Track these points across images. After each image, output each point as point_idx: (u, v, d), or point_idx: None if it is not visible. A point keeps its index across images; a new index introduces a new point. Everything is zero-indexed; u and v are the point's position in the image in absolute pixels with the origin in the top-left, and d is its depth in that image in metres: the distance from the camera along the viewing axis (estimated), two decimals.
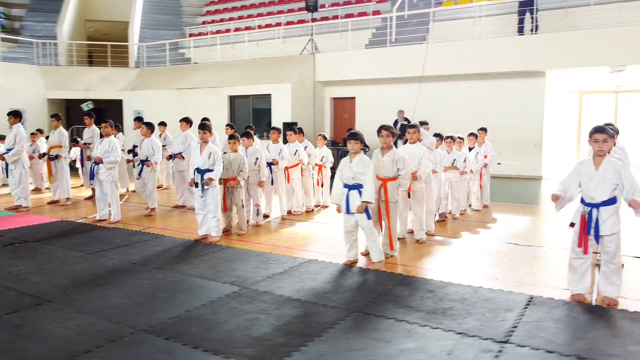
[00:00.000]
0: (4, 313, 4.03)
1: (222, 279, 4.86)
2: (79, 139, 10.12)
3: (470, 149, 8.53)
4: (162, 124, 11.45)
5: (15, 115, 8.66)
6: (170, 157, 8.88)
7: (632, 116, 16.58)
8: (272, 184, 7.91)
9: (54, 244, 6.29)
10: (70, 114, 17.92)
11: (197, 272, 5.10)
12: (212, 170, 6.37)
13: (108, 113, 16.12)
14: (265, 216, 7.95)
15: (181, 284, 4.75)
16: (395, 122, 13.72)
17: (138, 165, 8.41)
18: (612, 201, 4.16)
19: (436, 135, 7.91)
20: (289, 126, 13.31)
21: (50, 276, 4.98)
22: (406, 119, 13.67)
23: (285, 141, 8.34)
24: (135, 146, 8.99)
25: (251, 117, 15.51)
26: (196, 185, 6.45)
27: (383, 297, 4.36)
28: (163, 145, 9.76)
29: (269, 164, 7.72)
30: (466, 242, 6.48)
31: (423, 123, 8.89)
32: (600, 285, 4.30)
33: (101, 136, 8.05)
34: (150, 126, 8.35)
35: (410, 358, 3.25)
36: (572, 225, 4.36)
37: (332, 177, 11.17)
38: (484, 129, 9.17)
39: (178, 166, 8.83)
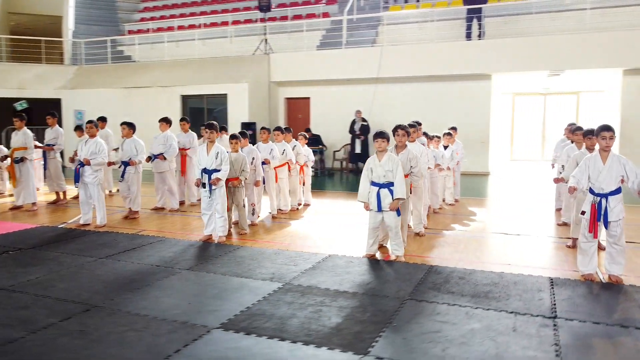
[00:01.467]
0: (58, 320, 3.89)
1: (258, 277, 4.95)
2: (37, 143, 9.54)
3: (445, 147, 9.08)
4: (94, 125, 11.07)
5: None
6: (150, 158, 8.66)
7: (558, 116, 18.22)
8: (263, 183, 7.99)
9: (54, 250, 6.01)
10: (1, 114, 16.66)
11: (229, 270, 5.14)
12: (219, 171, 6.38)
13: (45, 113, 15.18)
14: None
15: (222, 282, 4.79)
16: (354, 122, 14.17)
17: (120, 167, 8.14)
18: (618, 191, 4.75)
19: (424, 134, 8.36)
20: (248, 126, 13.35)
21: (77, 282, 4.82)
22: (364, 119, 14.14)
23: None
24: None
25: (205, 117, 15.28)
26: (203, 185, 6.42)
27: (422, 285, 4.67)
28: (115, 148, 9.53)
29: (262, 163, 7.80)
30: (459, 233, 6.97)
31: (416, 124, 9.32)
32: (607, 265, 4.88)
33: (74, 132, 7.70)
34: (131, 126, 8.11)
35: (484, 336, 3.58)
36: (583, 213, 4.91)
37: (313, 175, 11.31)
38: (454, 128, 9.77)
39: (158, 167, 8.64)
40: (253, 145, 7.79)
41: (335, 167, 15.15)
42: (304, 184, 9.14)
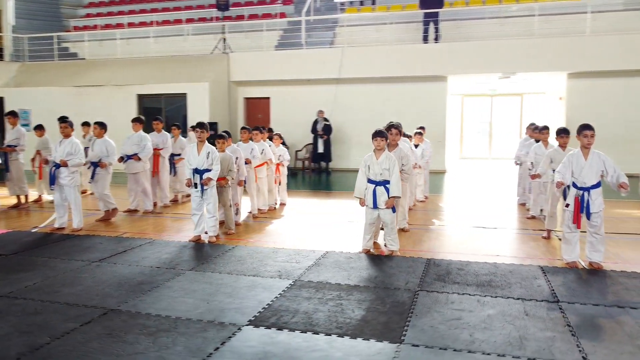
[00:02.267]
0: (78, 325, 3.80)
1: (266, 275, 5.00)
2: None
3: (415, 146, 9.42)
4: (86, 124, 10.73)
5: None
6: (122, 158, 8.42)
7: (503, 116, 19.24)
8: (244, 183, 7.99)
9: (39, 255, 5.78)
10: None
11: (234, 270, 5.16)
12: (210, 170, 6.35)
13: None
14: None
15: (233, 282, 4.80)
16: (316, 122, 14.33)
17: (89, 167, 7.88)
18: (598, 185, 5.19)
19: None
20: (210, 126, 13.15)
21: (81, 286, 4.68)
22: (325, 119, 14.34)
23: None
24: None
25: (164, 117, 14.92)
26: (195, 185, 6.37)
27: (427, 277, 4.90)
28: (85, 148, 9.20)
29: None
30: (439, 228, 7.30)
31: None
32: (588, 253, 5.31)
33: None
34: (103, 126, 7.87)
35: (501, 320, 3.84)
36: (567, 206, 5.31)
37: (289, 175, 11.36)
38: (423, 128, 10.13)
39: (131, 168, 8.42)
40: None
41: (297, 166, 15.25)
42: (279, 184, 9.19)
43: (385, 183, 5.66)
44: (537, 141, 8.11)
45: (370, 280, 4.82)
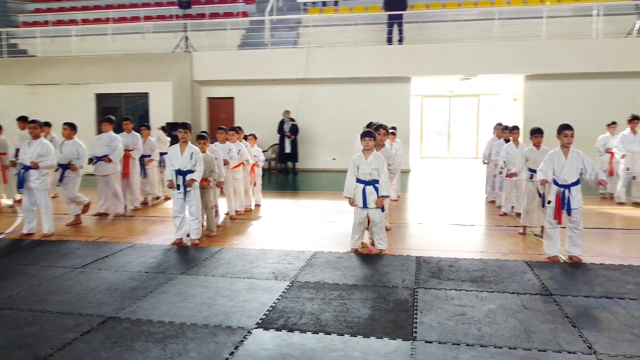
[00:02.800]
0: (78, 334, 3.63)
1: (261, 276, 4.95)
2: None
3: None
4: (47, 124, 10.24)
5: None
6: (91, 160, 8.09)
7: (460, 116, 19.80)
8: None
9: (14, 262, 5.50)
10: None
11: (227, 272, 5.08)
12: (193, 172, 6.22)
13: None
14: None
15: (229, 284, 4.72)
16: (282, 122, 14.27)
17: (57, 170, 7.54)
18: (578, 182, 5.44)
19: None
20: (175, 126, 12.87)
21: (69, 294, 4.48)
22: (292, 119, 14.31)
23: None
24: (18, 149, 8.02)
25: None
26: (177, 187, 6.22)
27: (421, 274, 4.99)
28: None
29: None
30: (419, 227, 7.42)
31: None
32: (568, 247, 5.55)
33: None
34: (73, 127, 7.54)
35: (503, 314, 3.96)
36: (549, 203, 5.54)
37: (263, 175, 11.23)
38: (395, 128, 10.28)
39: (102, 170, 8.12)
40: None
41: (264, 167, 15.09)
42: (254, 185, 9.10)
43: (374, 182, 5.72)
44: (507, 141, 8.42)
45: (367, 279, 4.86)
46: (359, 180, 5.77)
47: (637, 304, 4.17)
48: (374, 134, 5.82)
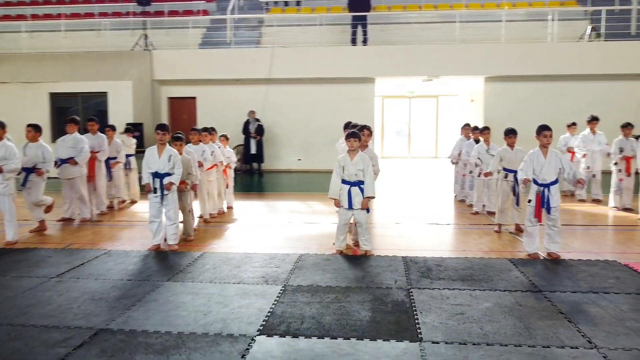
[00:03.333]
0: (70, 349, 3.43)
1: (250, 281, 4.84)
2: None
3: None
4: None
5: None
6: (56, 163, 7.69)
7: (420, 116, 20.16)
8: None
9: None
10: None
11: (214, 278, 4.93)
12: (171, 174, 6.02)
13: None
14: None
15: (220, 290, 4.58)
16: (247, 122, 14.08)
17: (19, 174, 7.12)
18: (557, 181, 5.62)
19: None
20: (135, 127, 12.52)
21: (50, 305, 4.23)
22: (257, 120, 14.14)
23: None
24: None
25: (82, 118, 13.84)
26: (154, 190, 5.99)
27: (411, 274, 5.00)
28: None
29: None
30: (396, 226, 7.47)
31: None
32: (546, 244, 5.73)
33: None
34: (37, 129, 7.14)
35: (500, 312, 4.03)
36: (529, 201, 5.69)
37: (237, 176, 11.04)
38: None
39: (67, 173, 7.74)
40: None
41: None
42: (227, 187, 8.92)
43: (359, 183, 5.71)
44: (477, 141, 8.63)
45: (359, 281, 4.84)
46: (344, 182, 5.74)
47: (622, 298, 4.34)
48: (359, 134, 5.80)
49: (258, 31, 16.49)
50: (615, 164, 8.64)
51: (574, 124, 10.09)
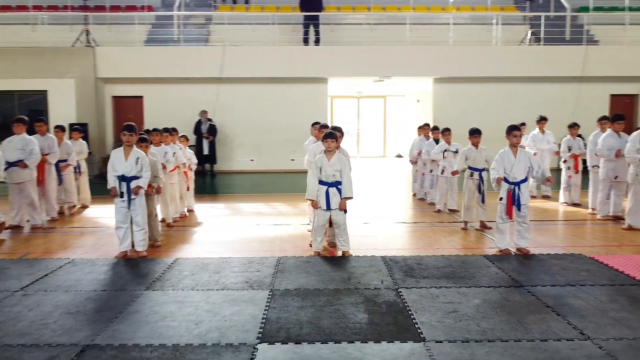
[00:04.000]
0: None
1: (235, 287, 4.68)
2: None
3: None
4: None
5: None
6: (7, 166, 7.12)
7: (368, 116, 20.43)
8: None
9: None
10: None
11: (196, 285, 4.73)
12: (138, 177, 5.73)
13: None
14: None
15: (205, 297, 4.40)
16: (199, 123, 13.70)
17: None
18: (526, 179, 5.83)
19: None
20: (78, 128, 11.88)
21: (23, 322, 3.89)
22: (209, 120, 13.79)
23: None
24: None
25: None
26: (121, 195, 5.67)
27: (395, 274, 5.02)
28: None
29: None
30: (368, 226, 7.49)
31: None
32: (516, 240, 5.93)
33: None
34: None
35: (492, 308, 4.12)
36: (500, 199, 5.87)
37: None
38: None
39: (15, 177, 7.19)
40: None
41: None
42: (187, 189, 8.61)
43: (337, 184, 5.68)
44: (437, 141, 8.83)
45: (346, 282, 4.80)
46: (321, 182, 5.68)
47: (598, 290, 4.55)
48: (336, 135, 5.77)
49: (207, 29, 16.10)
50: (565, 161, 9.11)
51: (523, 124, 10.51)
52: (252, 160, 14.86)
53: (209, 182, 13.15)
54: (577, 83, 14.55)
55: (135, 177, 5.71)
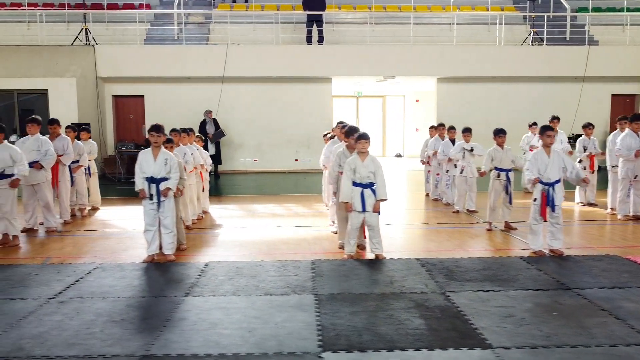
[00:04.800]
0: None
1: (278, 292, 4.54)
2: None
3: None
4: None
5: None
6: None
7: (367, 116, 20.37)
8: None
9: None
10: None
11: (236, 290, 4.59)
12: (167, 179, 5.57)
13: None
14: None
15: (250, 303, 4.26)
16: (204, 123, 13.50)
17: None
18: (560, 180, 5.78)
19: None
20: (82, 127, 11.64)
21: (67, 331, 3.71)
22: (214, 120, 13.61)
23: None
24: None
25: (17, 117, 12.66)
26: (150, 197, 5.51)
27: (436, 277, 4.93)
28: None
29: None
30: (391, 228, 7.33)
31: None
32: (549, 241, 5.88)
33: None
34: (1, 129, 6.36)
35: (544, 311, 4.04)
36: (534, 200, 5.81)
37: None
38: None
39: (30, 178, 6.93)
40: None
41: None
42: (203, 190, 8.44)
43: (371, 185, 5.57)
44: (453, 141, 8.78)
45: (389, 286, 4.70)
46: (355, 184, 5.57)
47: None
48: (369, 136, 5.66)
49: (207, 27, 15.89)
50: (580, 161, 9.10)
51: (534, 123, 10.54)
52: (255, 160, 14.70)
53: (212, 183, 12.93)
54: (579, 83, 14.62)
55: (164, 179, 5.55)
